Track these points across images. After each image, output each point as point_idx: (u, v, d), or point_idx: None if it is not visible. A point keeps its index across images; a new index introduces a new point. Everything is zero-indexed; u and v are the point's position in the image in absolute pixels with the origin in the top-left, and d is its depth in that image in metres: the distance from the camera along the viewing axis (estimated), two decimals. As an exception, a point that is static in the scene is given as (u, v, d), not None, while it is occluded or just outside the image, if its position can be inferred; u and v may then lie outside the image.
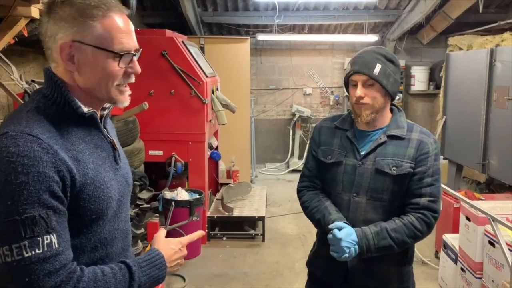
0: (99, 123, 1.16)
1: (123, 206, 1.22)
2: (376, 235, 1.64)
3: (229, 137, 5.80)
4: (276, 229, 4.91)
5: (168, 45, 4.23)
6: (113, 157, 1.20)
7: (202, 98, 4.23)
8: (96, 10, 1.06)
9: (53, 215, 0.97)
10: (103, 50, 1.07)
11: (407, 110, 7.85)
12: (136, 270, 1.09)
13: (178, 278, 3.80)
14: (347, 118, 1.81)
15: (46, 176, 0.97)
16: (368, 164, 1.71)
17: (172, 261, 1.20)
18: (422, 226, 1.67)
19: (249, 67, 6.24)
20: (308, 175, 1.88)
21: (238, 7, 6.66)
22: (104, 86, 1.11)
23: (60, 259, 0.98)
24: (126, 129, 3.81)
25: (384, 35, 7.52)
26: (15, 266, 0.93)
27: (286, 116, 7.94)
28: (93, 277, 1.02)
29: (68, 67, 1.08)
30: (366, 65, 1.65)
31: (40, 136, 0.99)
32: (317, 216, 1.78)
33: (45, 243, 0.95)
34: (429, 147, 1.69)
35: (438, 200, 1.69)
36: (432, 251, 4.25)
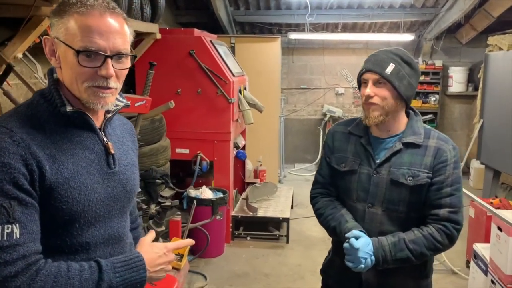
0: (92, 125, 1.14)
1: (115, 212, 1.18)
2: (393, 246, 1.57)
3: (257, 136, 5.78)
4: (301, 231, 4.85)
5: (196, 44, 4.25)
6: (105, 160, 1.16)
7: (228, 97, 4.23)
8: (74, 8, 1.06)
9: (17, 205, 0.97)
10: (67, 46, 1.06)
11: (443, 112, 7.59)
12: (107, 270, 1.06)
13: (199, 276, 3.82)
14: (361, 123, 1.73)
15: (11, 167, 0.97)
16: (383, 173, 1.63)
17: (155, 265, 1.15)
18: (443, 238, 1.58)
19: (279, 66, 6.19)
20: (321, 182, 1.82)
21: (271, 6, 6.63)
22: (75, 85, 1.08)
23: (20, 250, 0.97)
24: (152, 127, 3.86)
25: (421, 34, 7.28)
26: None
27: (317, 116, 7.84)
28: (55, 271, 1.00)
29: (51, 62, 1.11)
30: (379, 63, 1.58)
31: (14, 129, 1.01)
32: (333, 223, 1.71)
33: (5, 232, 0.95)
34: (447, 154, 1.59)
35: (459, 211, 1.60)
36: (463, 260, 4.08)
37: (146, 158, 3.75)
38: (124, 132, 1.31)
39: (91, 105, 1.10)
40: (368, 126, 1.70)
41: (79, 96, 1.10)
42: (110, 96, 1.11)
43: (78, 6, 1.06)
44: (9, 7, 2.25)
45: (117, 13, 1.10)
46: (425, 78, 7.37)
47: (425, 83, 7.41)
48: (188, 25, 6.37)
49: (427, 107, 7.41)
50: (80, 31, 1.05)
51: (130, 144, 1.32)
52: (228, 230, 4.48)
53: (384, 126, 1.65)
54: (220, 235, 4.25)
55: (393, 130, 1.66)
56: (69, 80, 1.10)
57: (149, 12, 3.85)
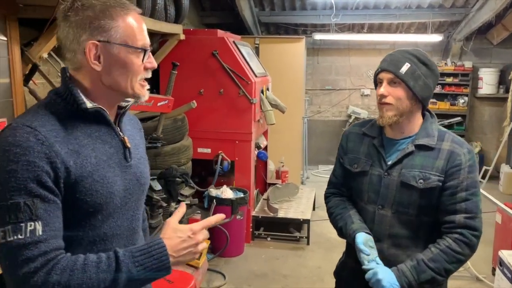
0: (109, 120, 1.18)
1: (131, 204, 1.22)
2: (414, 270, 1.53)
3: (280, 137, 5.77)
4: (322, 233, 4.81)
5: (219, 45, 4.28)
6: (123, 154, 1.21)
7: (250, 97, 4.24)
8: (116, 10, 1.11)
9: (40, 203, 1.00)
10: (128, 47, 1.12)
11: (472, 114, 7.38)
12: (125, 260, 1.04)
13: (218, 275, 3.84)
14: (375, 124, 1.71)
15: (35, 165, 1.00)
16: (394, 175, 1.60)
17: (179, 250, 1.09)
18: (462, 248, 1.53)
19: (303, 67, 6.16)
20: (334, 183, 1.82)
21: (296, 6, 6.61)
22: (129, 82, 1.15)
23: (41, 247, 0.99)
24: (174, 126, 3.91)
25: (450, 35, 7.11)
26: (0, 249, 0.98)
27: (342, 118, 7.76)
28: (71, 264, 1.01)
29: (95, 67, 1.11)
30: (394, 63, 1.56)
31: (38, 128, 1.04)
32: (340, 224, 1.71)
33: (28, 229, 0.98)
34: (461, 158, 1.55)
35: (476, 217, 1.55)
36: (489, 267, 3.96)
37: (168, 157, 3.80)
38: (133, 127, 1.35)
39: (141, 97, 1.18)
40: (383, 127, 1.67)
41: (129, 91, 1.16)
42: (147, 86, 1.21)
43: (120, 8, 1.11)
44: (35, 8, 2.33)
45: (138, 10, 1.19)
46: (454, 80, 7.20)
47: (453, 85, 7.24)
48: (213, 26, 6.42)
49: (455, 109, 7.24)
50: (136, 30, 1.13)
51: (139, 139, 1.36)
52: (249, 230, 4.49)
53: (398, 127, 1.62)
54: (240, 234, 4.27)
55: (407, 131, 1.63)
56: (121, 79, 1.14)
57: (173, 13, 3.91)
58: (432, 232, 1.61)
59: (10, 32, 2.22)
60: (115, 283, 1.02)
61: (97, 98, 1.15)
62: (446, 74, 7.19)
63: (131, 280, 1.04)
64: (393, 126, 1.62)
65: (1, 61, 2.20)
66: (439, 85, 7.26)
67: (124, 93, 1.17)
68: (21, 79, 2.32)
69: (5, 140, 1.01)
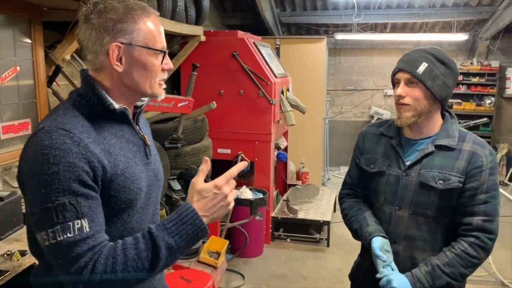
0: (130, 119, 1.23)
1: (152, 199, 1.27)
2: (429, 275, 1.50)
3: (301, 138, 5.75)
4: (343, 235, 4.75)
5: (239, 46, 4.30)
6: (144, 151, 1.26)
7: (270, 98, 4.24)
8: (138, 13, 1.14)
9: (84, 201, 1.03)
10: (148, 49, 1.15)
11: (500, 115, 7.20)
12: (159, 233, 1.05)
13: (237, 275, 3.85)
14: (393, 124, 1.68)
15: (76, 166, 1.03)
16: (413, 176, 1.58)
17: (210, 208, 1.10)
18: (477, 252, 1.50)
19: (324, 67, 6.12)
20: (349, 183, 1.80)
21: (317, 6, 6.57)
22: (148, 83, 1.18)
23: (89, 242, 1.03)
24: (194, 127, 3.95)
25: (476, 34, 6.94)
26: (51, 249, 1.02)
27: (364, 118, 7.68)
28: (112, 252, 1.04)
29: (117, 68, 1.14)
30: (411, 63, 1.53)
31: (72, 130, 1.07)
32: (355, 225, 1.69)
33: (76, 227, 1.01)
34: (483, 160, 1.51)
35: (494, 220, 1.51)
36: (515, 272, 3.85)
37: (188, 157, 3.84)
38: (144, 125, 1.39)
39: (158, 96, 1.22)
40: (401, 127, 1.65)
41: (148, 91, 1.20)
42: (164, 85, 1.24)
43: (141, 10, 1.15)
44: (59, 12, 2.39)
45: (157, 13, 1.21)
46: (480, 80, 7.03)
47: (479, 85, 7.07)
48: (234, 27, 6.45)
49: (481, 110, 7.07)
50: (156, 33, 1.17)
51: (151, 137, 1.40)
52: (268, 231, 4.49)
53: (417, 127, 1.59)
54: (260, 235, 4.27)
55: (426, 131, 1.60)
56: (141, 80, 1.18)
57: (193, 15, 3.94)
58: (448, 234, 1.58)
59: (34, 35, 2.28)
60: (157, 257, 1.05)
61: (117, 98, 1.19)
62: (472, 74, 7.03)
63: (172, 251, 1.06)
64: (412, 127, 1.60)
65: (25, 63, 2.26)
66: (465, 85, 7.09)
67: (143, 93, 1.21)
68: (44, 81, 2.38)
69: (42, 143, 1.04)
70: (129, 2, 1.15)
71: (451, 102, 7.12)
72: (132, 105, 1.25)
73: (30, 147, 1.07)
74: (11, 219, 2.11)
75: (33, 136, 1.08)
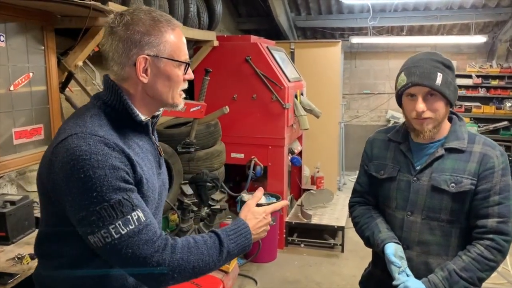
0: (150, 130, 1.26)
1: (160, 208, 1.31)
2: (446, 281, 1.47)
3: (316, 142, 5.71)
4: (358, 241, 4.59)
5: (252, 50, 4.30)
6: (158, 162, 1.29)
7: (283, 102, 4.23)
8: (164, 25, 1.16)
9: (132, 195, 1.09)
10: (174, 61, 1.18)
11: (520, 118, 7.02)
12: (224, 238, 1.18)
13: (250, 281, 3.83)
14: (401, 130, 1.66)
15: (119, 167, 1.08)
16: (424, 180, 1.55)
17: (257, 228, 1.27)
18: (494, 255, 1.47)
19: (339, 71, 6.07)
20: (359, 191, 1.78)
21: (332, 10, 6.54)
22: (171, 93, 1.22)
23: (151, 229, 1.09)
24: (207, 132, 3.96)
25: (495, 36, 6.80)
26: (116, 244, 1.05)
27: (380, 122, 7.58)
28: (186, 244, 1.13)
29: (142, 79, 1.16)
30: (427, 75, 1.47)
31: (105, 136, 1.10)
32: (367, 233, 1.66)
33: (134, 219, 1.07)
34: (494, 161, 1.48)
35: (509, 221, 1.48)
36: (536, 281, 3.73)
37: (201, 162, 3.85)
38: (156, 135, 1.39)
39: (179, 106, 1.26)
40: (408, 132, 1.62)
41: (170, 101, 1.23)
42: (184, 95, 1.28)
43: (166, 23, 1.17)
44: (71, 19, 2.43)
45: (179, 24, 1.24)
46: (500, 83, 6.88)
47: (499, 88, 6.92)
48: (249, 32, 6.46)
49: (501, 113, 6.91)
50: (180, 45, 1.20)
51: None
52: (282, 236, 4.47)
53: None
54: (273, 240, 4.24)
55: (436, 135, 1.57)
56: (165, 90, 1.21)
57: (206, 20, 3.96)
58: (463, 239, 1.55)
59: (47, 41, 2.32)
60: (220, 256, 1.17)
61: (139, 107, 1.20)
62: (491, 77, 6.89)
63: (229, 256, 1.19)
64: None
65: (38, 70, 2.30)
66: (484, 88, 6.95)
67: (165, 103, 1.24)
68: (57, 87, 2.42)
69: (79, 149, 1.06)
70: (155, 14, 1.16)
71: (470, 106, 6.98)
72: (152, 114, 1.27)
73: (62, 153, 1.07)
74: (23, 223, 2.14)
75: (63, 141, 1.08)
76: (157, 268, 1.07)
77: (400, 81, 1.55)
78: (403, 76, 1.53)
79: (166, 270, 1.08)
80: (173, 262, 1.09)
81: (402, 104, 1.58)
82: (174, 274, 1.09)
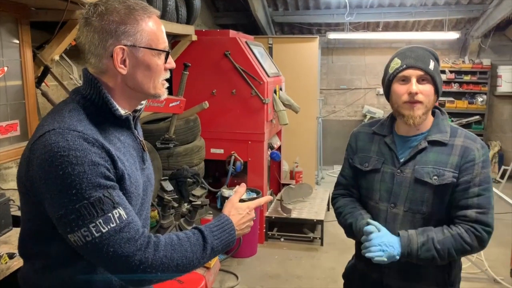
0: (132, 124, 1.22)
1: (146, 204, 1.28)
2: (422, 246, 1.50)
3: (294, 137, 5.74)
4: (337, 234, 4.75)
5: (231, 45, 4.28)
6: (141, 157, 1.26)
7: (263, 98, 4.23)
8: (140, 14, 1.13)
9: (113, 192, 1.06)
10: (152, 50, 1.14)
11: (491, 113, 7.23)
12: (208, 234, 1.17)
13: (231, 276, 3.84)
14: (385, 123, 1.69)
15: (98, 163, 1.05)
16: (407, 172, 1.58)
17: (241, 224, 1.26)
18: (472, 239, 1.50)
19: (317, 66, 6.11)
20: (344, 184, 1.79)
21: (309, 6, 6.58)
22: (152, 83, 1.18)
23: (133, 227, 1.07)
24: (187, 127, 3.92)
25: (467, 32, 6.97)
26: (97, 242, 1.02)
27: (357, 117, 7.69)
28: (170, 241, 1.11)
29: (121, 71, 1.13)
30: (421, 59, 1.53)
31: (84, 131, 1.06)
32: (350, 220, 1.68)
33: (115, 217, 1.04)
34: (475, 153, 1.52)
35: (488, 212, 1.51)
36: (507, 269, 3.85)
37: (180, 157, 3.81)
38: (139, 129, 1.37)
39: (161, 96, 1.22)
40: (393, 125, 1.65)
41: (152, 91, 1.19)
42: (167, 84, 1.25)
43: (142, 11, 1.13)
44: (47, 12, 2.36)
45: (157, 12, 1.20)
46: (472, 78, 7.07)
47: (471, 83, 7.11)
48: (227, 26, 6.42)
49: (473, 108, 7.11)
50: (158, 33, 1.16)
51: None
52: (262, 230, 4.48)
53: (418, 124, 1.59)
54: (253, 235, 4.25)
55: (421, 128, 1.60)
56: (145, 81, 1.17)
57: (184, 14, 3.92)
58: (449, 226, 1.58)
59: (22, 35, 2.25)
60: (204, 253, 1.15)
61: (120, 100, 1.17)
62: (464, 72, 7.07)
63: (213, 252, 1.17)
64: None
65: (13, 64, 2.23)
66: (457, 83, 7.12)
67: (147, 93, 1.20)
68: (33, 82, 2.34)
69: (57, 145, 1.02)
70: (130, 2, 1.13)
71: (444, 100, 7.14)
72: (134, 107, 1.24)
73: (40, 150, 1.04)
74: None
75: (41, 138, 1.05)
76: (140, 267, 1.05)
77: (393, 65, 1.57)
78: (396, 60, 1.56)
79: (149, 269, 1.06)
80: (156, 260, 1.07)
81: (391, 91, 1.59)
82: (158, 272, 1.07)
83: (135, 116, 1.26)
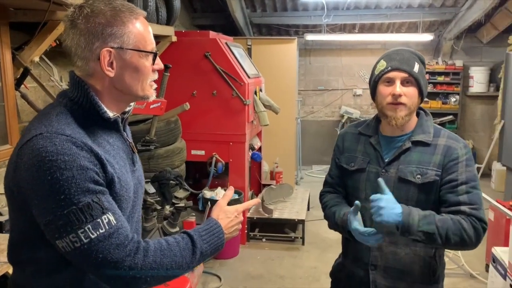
0: (121, 127, 1.21)
1: (137, 206, 1.27)
2: (423, 218, 1.48)
3: (274, 138, 5.77)
4: (317, 233, 4.81)
5: (211, 46, 4.28)
6: (131, 159, 1.25)
7: (243, 99, 4.24)
8: (126, 15, 1.11)
9: (102, 197, 1.05)
10: (140, 52, 1.13)
11: (464, 113, 7.44)
12: (197, 238, 1.17)
13: (214, 277, 3.83)
14: (371, 124, 1.73)
15: (87, 168, 1.03)
16: (392, 172, 1.61)
17: (229, 227, 1.27)
18: (469, 228, 1.49)
19: (295, 67, 6.16)
20: (330, 183, 1.82)
21: (287, 7, 6.62)
22: (140, 85, 1.17)
23: (122, 232, 1.06)
24: (168, 129, 3.90)
25: (440, 34, 7.16)
26: (86, 248, 1.01)
27: (335, 118, 7.78)
28: (159, 246, 1.10)
29: (109, 74, 1.11)
30: (406, 62, 1.56)
31: (72, 135, 1.05)
32: (334, 209, 1.70)
33: (104, 222, 1.03)
34: (458, 152, 1.56)
35: (480, 208, 1.53)
36: (482, 264, 3.99)
37: (161, 159, 3.79)
38: (128, 131, 1.36)
39: (150, 97, 1.21)
40: (378, 126, 1.69)
41: (140, 93, 1.18)
42: (155, 85, 1.24)
43: (129, 12, 1.12)
44: (26, 12, 2.31)
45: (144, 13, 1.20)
46: (445, 79, 7.26)
47: (445, 84, 7.30)
48: (205, 27, 6.41)
49: (447, 108, 7.29)
50: (145, 34, 1.15)
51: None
52: (244, 231, 4.49)
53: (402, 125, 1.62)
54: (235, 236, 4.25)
55: (404, 129, 1.64)
56: (133, 83, 1.16)
57: (164, 15, 3.89)
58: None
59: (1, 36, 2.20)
60: (194, 257, 1.15)
61: (108, 102, 1.16)
62: (437, 73, 7.25)
63: (201, 256, 1.17)
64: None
65: (-8, 66, 2.18)
66: (431, 84, 7.30)
67: (135, 95, 1.19)
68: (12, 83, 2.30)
69: (45, 150, 1.00)
70: (115, 4, 1.12)
71: (418, 101, 7.29)
72: (122, 110, 1.23)
73: (27, 155, 1.02)
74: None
75: (28, 142, 1.03)
76: (129, 273, 1.04)
77: (379, 66, 1.61)
78: (382, 62, 1.60)
79: (138, 274, 1.05)
80: (145, 266, 1.06)
81: (377, 92, 1.62)
82: (147, 278, 1.07)
83: (123, 118, 1.25)
